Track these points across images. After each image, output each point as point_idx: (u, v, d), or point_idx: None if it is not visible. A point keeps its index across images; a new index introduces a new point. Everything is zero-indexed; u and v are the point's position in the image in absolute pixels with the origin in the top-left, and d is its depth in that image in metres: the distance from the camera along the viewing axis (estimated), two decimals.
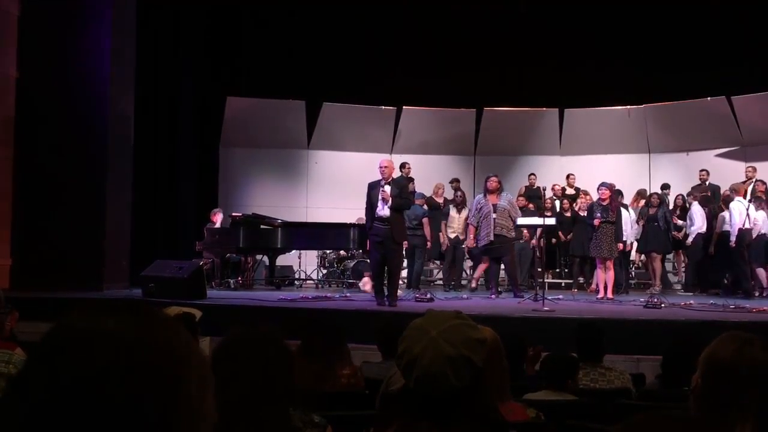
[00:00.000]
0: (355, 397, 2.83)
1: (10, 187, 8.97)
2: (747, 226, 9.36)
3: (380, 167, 7.75)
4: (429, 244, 10.62)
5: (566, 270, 11.37)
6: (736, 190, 9.64)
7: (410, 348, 1.62)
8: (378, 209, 7.62)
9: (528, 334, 5.78)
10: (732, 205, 9.50)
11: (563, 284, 11.40)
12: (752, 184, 10.21)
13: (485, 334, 1.67)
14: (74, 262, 8.75)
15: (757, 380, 1.42)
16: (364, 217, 8.04)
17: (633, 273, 11.58)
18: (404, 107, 13.11)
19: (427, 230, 10.52)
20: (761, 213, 9.50)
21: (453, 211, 10.89)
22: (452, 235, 10.78)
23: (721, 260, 9.92)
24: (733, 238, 9.35)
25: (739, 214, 9.40)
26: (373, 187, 7.71)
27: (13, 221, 8.97)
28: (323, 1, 12.36)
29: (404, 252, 10.55)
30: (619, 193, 10.31)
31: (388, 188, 7.61)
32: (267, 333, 1.79)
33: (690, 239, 10.22)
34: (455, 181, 11.93)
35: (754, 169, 10.53)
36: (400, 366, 1.65)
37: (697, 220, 10.13)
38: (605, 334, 4.28)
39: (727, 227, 9.65)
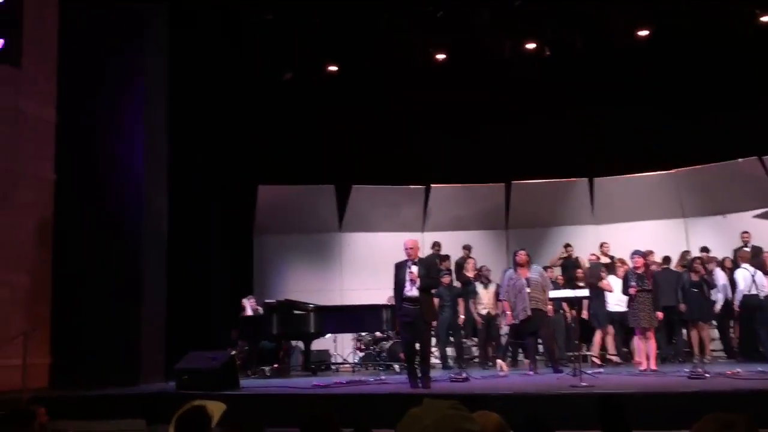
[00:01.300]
0: None
1: (50, 287, 9.24)
2: (753, 291, 9.71)
3: (406, 248, 7.81)
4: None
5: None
6: (742, 257, 10.03)
7: None
8: (406, 290, 7.64)
9: (561, 412, 5.67)
10: (737, 272, 9.84)
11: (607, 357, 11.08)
12: None
13: (479, 426, 1.66)
14: (110, 359, 8.90)
15: None
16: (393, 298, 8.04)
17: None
18: (432, 185, 13.27)
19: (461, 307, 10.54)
20: None
21: (480, 288, 10.83)
22: (484, 311, 10.70)
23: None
24: (737, 304, 9.69)
25: (744, 280, 9.72)
26: (400, 267, 7.75)
27: (52, 320, 9.20)
28: (347, 86, 12.74)
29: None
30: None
31: (415, 268, 7.64)
32: (252, 424, 1.81)
33: (718, 306, 10.05)
34: (467, 248, 11.91)
35: None
36: None
37: (719, 286, 10.03)
38: (639, 408, 4.16)
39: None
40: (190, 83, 11.21)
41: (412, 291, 7.61)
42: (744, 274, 9.82)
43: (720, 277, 10.33)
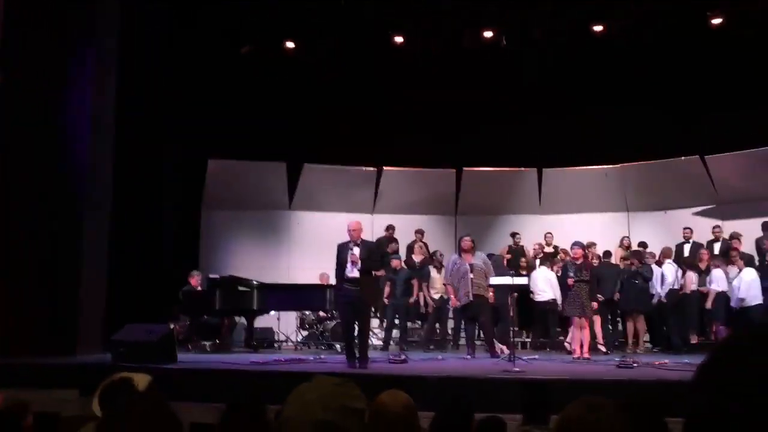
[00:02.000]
0: None
1: None
2: (676, 286, 10.30)
3: (349, 229, 7.87)
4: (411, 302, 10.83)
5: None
6: (665, 254, 10.62)
7: (288, 409, 1.68)
8: (347, 271, 7.70)
9: (489, 396, 5.83)
10: (665, 266, 10.38)
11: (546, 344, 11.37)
12: (719, 243, 10.52)
13: (364, 403, 1.72)
14: (46, 327, 8.76)
15: None
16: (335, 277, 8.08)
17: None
18: (384, 168, 13.33)
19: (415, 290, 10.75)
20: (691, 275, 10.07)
21: (434, 272, 11.00)
22: (437, 296, 10.86)
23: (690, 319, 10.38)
24: (663, 297, 10.23)
25: (671, 275, 10.24)
26: (343, 248, 7.82)
27: None
28: (304, 65, 12.68)
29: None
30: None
31: (357, 250, 7.70)
32: (153, 402, 1.85)
33: (663, 298, 10.41)
34: (419, 233, 12.04)
35: (721, 229, 10.93)
36: (276, 425, 1.71)
37: (669, 278, 10.34)
38: (564, 394, 4.29)
39: (693, 287, 10.21)
40: (144, 52, 11.01)
41: (353, 272, 7.67)
42: (671, 269, 10.25)
43: (657, 270, 10.66)
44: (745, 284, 9.55)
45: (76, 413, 6.32)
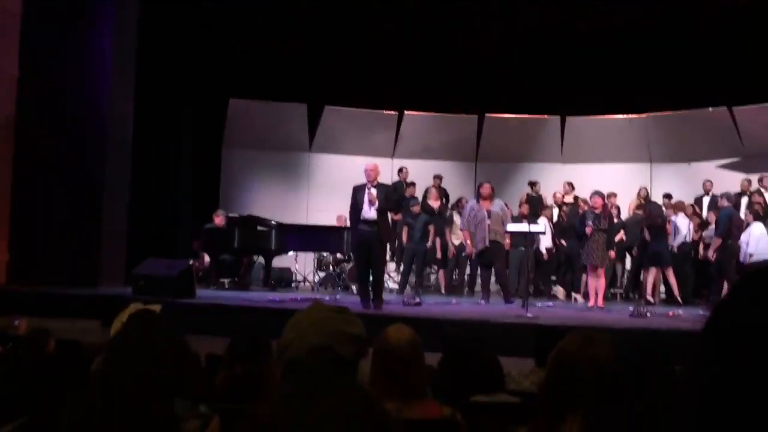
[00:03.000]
0: None
1: (9, 184, 9.17)
2: (689, 239, 10.22)
3: (366, 170, 7.86)
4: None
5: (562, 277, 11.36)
6: (679, 207, 10.58)
7: (285, 336, 1.71)
8: (364, 212, 7.70)
9: (499, 340, 5.89)
10: (678, 220, 10.26)
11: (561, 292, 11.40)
12: (746, 197, 10.34)
13: (360, 329, 1.74)
14: (70, 260, 8.95)
15: (593, 377, 1.48)
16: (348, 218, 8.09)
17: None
18: (406, 112, 13.22)
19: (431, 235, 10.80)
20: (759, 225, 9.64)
21: (457, 218, 10.99)
22: (457, 242, 10.89)
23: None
24: (676, 250, 10.07)
25: (684, 227, 10.21)
26: (359, 190, 7.81)
27: (11, 218, 9.18)
28: (326, 4, 12.48)
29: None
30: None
31: (374, 191, 7.70)
32: (159, 326, 1.88)
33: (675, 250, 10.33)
34: (436, 178, 11.96)
35: (749, 182, 10.62)
36: (277, 352, 1.74)
37: (683, 230, 10.29)
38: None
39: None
40: None
41: (370, 213, 7.68)
42: (684, 222, 10.20)
43: (683, 224, 10.49)
44: (754, 239, 9.46)
45: (98, 341, 6.49)
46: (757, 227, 9.54)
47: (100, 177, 9.32)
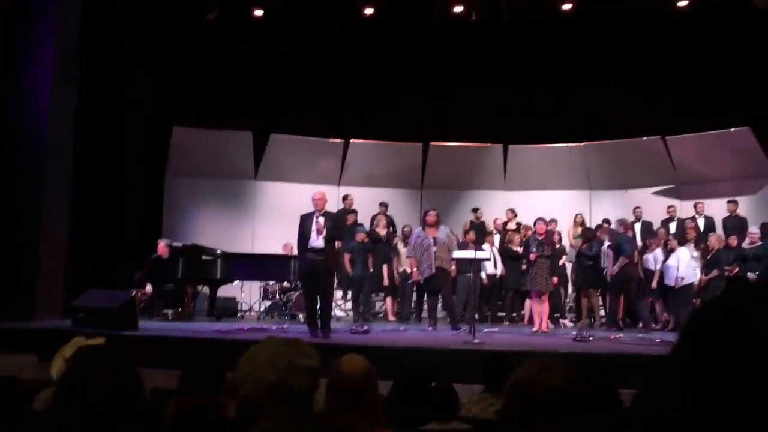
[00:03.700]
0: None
1: None
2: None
3: (314, 199, 7.87)
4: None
5: (500, 303, 11.53)
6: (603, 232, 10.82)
7: (240, 371, 1.69)
8: (312, 240, 7.70)
9: (447, 367, 5.91)
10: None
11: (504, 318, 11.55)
12: (674, 222, 10.79)
13: (316, 361, 1.74)
14: (5, 292, 8.62)
15: (549, 406, 1.51)
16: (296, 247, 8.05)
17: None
18: (352, 140, 13.28)
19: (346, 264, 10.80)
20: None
21: (401, 247, 11.05)
22: (401, 270, 10.94)
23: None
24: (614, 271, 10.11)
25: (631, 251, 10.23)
26: (306, 219, 7.81)
27: None
28: (272, 34, 12.51)
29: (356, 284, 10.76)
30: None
31: (321, 220, 7.70)
32: (115, 356, 1.83)
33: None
34: (383, 205, 12.04)
35: (675, 209, 11.22)
36: (230, 388, 1.72)
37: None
38: (519, 365, 4.38)
39: (648, 265, 10.34)
40: (108, 16, 10.74)
41: (317, 241, 7.68)
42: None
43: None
44: (684, 263, 9.85)
45: (35, 377, 6.25)
46: (684, 252, 9.97)
47: (38, 205, 9.04)
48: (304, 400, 1.67)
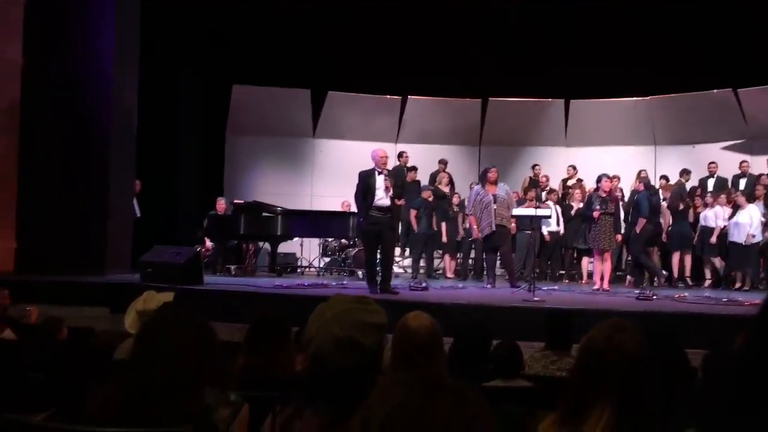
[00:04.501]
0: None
1: (15, 173, 9.17)
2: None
3: (378, 156, 7.89)
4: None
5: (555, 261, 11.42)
6: (663, 188, 10.79)
7: (309, 328, 1.73)
8: (378, 198, 7.74)
9: (506, 324, 5.92)
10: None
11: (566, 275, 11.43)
12: (745, 179, 10.38)
13: (383, 318, 1.76)
14: (77, 247, 8.96)
15: (622, 367, 1.50)
16: (357, 206, 8.07)
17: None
18: (410, 97, 13.18)
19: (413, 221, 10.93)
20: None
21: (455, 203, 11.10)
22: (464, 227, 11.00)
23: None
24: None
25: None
26: (368, 176, 7.81)
27: (18, 207, 9.18)
28: None
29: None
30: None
31: (381, 178, 7.74)
32: (187, 315, 1.89)
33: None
34: (442, 163, 11.98)
35: (748, 164, 10.77)
36: (302, 344, 1.76)
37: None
38: (583, 324, 4.35)
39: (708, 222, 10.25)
40: None
41: (384, 199, 7.74)
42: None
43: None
44: (756, 220, 9.55)
45: (108, 328, 6.53)
46: (755, 209, 9.64)
47: (106, 165, 9.31)
48: (373, 356, 1.69)
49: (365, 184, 7.81)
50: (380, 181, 7.80)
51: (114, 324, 6.90)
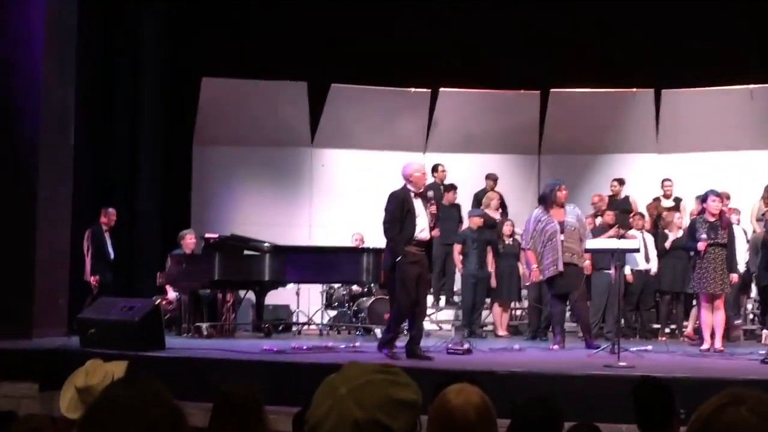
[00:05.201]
0: None
1: None
2: None
3: (414, 173, 7.97)
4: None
5: (652, 310, 11.33)
6: None
7: (316, 409, 1.71)
8: (420, 230, 7.84)
9: (582, 400, 5.87)
10: None
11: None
12: None
13: (417, 394, 1.74)
14: None
15: None
16: (389, 238, 8.07)
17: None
18: (442, 89, 13.23)
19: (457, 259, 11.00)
20: None
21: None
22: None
23: None
24: None
25: None
26: (404, 200, 7.85)
27: None
28: None
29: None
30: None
31: (419, 203, 7.91)
32: (146, 393, 1.88)
33: None
34: (490, 178, 11.98)
35: None
36: (306, 431, 1.74)
37: None
38: (692, 397, 4.31)
39: None
40: None
41: (424, 232, 7.90)
42: None
43: None
44: None
45: (36, 412, 6.52)
46: None
47: (32, 186, 9.41)
48: None
49: (402, 209, 7.84)
50: (419, 206, 7.89)
51: (44, 406, 6.94)
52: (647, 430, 4.12)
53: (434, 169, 12.10)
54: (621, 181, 12.03)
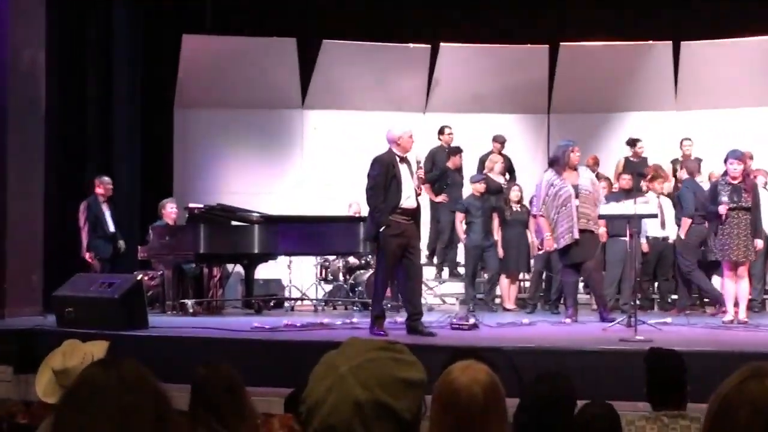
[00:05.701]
0: None
1: None
2: None
3: (396, 137, 7.91)
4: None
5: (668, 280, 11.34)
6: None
7: (314, 389, 1.71)
8: (405, 197, 7.79)
9: (596, 376, 5.91)
10: None
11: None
12: None
13: (422, 373, 1.74)
14: None
15: (755, 424, 1.48)
16: (373, 206, 8.06)
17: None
18: (442, 44, 13.18)
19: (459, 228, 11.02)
20: None
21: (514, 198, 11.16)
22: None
23: None
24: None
25: None
26: (390, 163, 7.82)
27: None
28: None
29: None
30: None
31: (405, 168, 7.83)
32: (128, 375, 1.89)
33: None
34: (496, 141, 11.99)
35: None
36: (302, 413, 1.74)
37: None
38: (705, 373, 4.34)
39: None
40: None
41: (413, 199, 7.86)
42: None
43: None
44: None
45: (11, 396, 6.56)
46: None
47: (0, 156, 9.41)
48: (407, 427, 1.68)
49: (387, 175, 7.81)
50: (405, 171, 7.82)
51: (20, 390, 6.97)
52: (656, 402, 4.15)
53: (440, 131, 12.10)
54: (636, 141, 11.96)
